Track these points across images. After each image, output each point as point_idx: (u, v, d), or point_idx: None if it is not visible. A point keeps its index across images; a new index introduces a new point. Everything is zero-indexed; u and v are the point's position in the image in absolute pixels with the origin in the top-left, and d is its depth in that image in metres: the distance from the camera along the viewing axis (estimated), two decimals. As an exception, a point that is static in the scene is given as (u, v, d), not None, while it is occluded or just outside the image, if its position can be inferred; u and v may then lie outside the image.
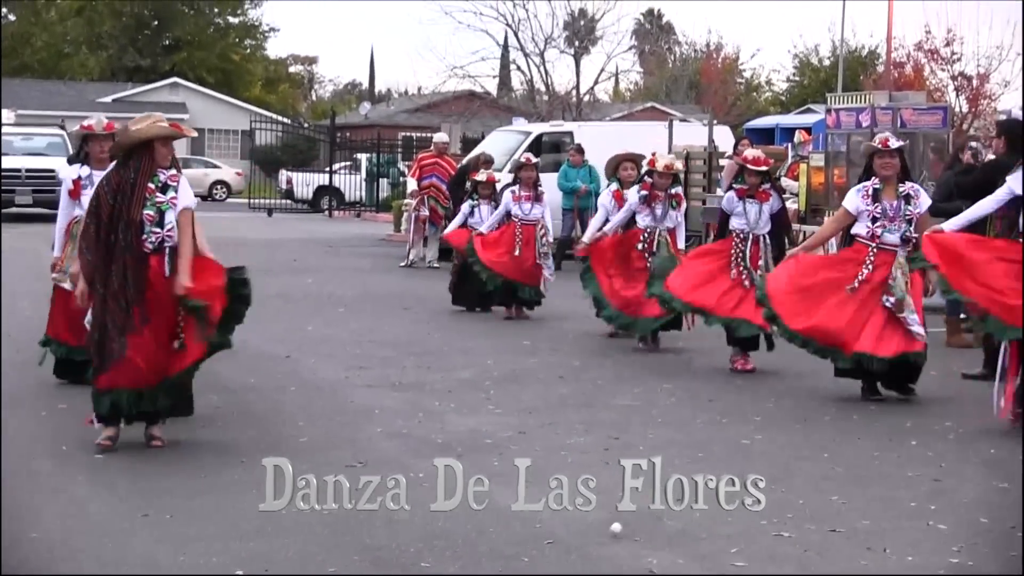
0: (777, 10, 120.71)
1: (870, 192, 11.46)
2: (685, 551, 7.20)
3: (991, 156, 14.24)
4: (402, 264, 23.59)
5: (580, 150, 23.83)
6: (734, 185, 13.20)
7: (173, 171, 9.07)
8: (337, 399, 11.16)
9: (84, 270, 9.00)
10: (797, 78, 67.82)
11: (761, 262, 12.90)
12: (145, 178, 8.87)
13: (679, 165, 14.84)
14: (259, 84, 74.46)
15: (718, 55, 62.21)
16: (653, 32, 71.26)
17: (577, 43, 44.41)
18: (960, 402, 11.23)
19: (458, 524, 7.51)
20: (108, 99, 59.03)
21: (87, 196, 10.11)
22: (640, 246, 14.16)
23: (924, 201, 11.57)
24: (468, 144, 34.18)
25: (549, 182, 23.73)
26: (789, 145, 25.96)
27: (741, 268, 12.90)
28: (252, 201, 45.16)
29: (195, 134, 9.68)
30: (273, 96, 74.70)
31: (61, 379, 11.35)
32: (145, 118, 9.00)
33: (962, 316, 14.99)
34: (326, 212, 42.61)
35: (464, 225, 17.33)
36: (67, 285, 10.50)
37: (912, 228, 11.32)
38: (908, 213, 11.38)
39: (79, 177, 10.92)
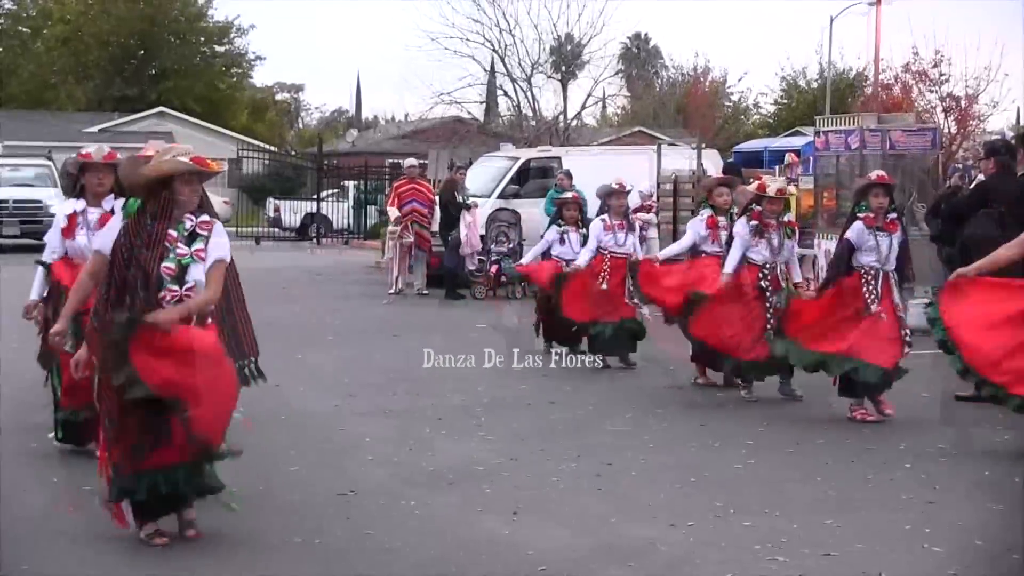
0: (764, 33, 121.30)
1: None
2: (680, 577, 7.17)
3: (980, 177, 14.26)
4: (390, 292, 23.52)
5: (569, 175, 23.79)
6: (858, 214, 11.61)
7: (204, 217, 7.62)
8: (327, 428, 11.10)
9: (91, 340, 7.48)
10: (784, 101, 67.90)
11: (897, 300, 11.60)
12: (165, 224, 7.39)
13: (792, 189, 13.10)
14: (245, 113, 74.33)
15: (705, 79, 62.35)
16: (640, 56, 71.36)
17: (564, 68, 44.46)
18: (954, 424, 11.18)
19: (450, 552, 7.48)
20: (95, 129, 58.93)
21: (82, 235, 9.42)
22: (762, 283, 12.37)
23: None
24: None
25: (536, 208, 23.86)
26: (777, 168, 25.98)
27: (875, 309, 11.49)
28: (239, 230, 44.99)
29: (223, 168, 8.14)
30: (260, 125, 74.53)
31: (66, 444, 9.91)
32: (166, 151, 7.55)
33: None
34: (314, 240, 42.54)
35: (547, 254, 15.80)
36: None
37: None
38: None
39: (74, 212, 9.65)
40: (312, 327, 18.09)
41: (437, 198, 23.76)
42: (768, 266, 12.41)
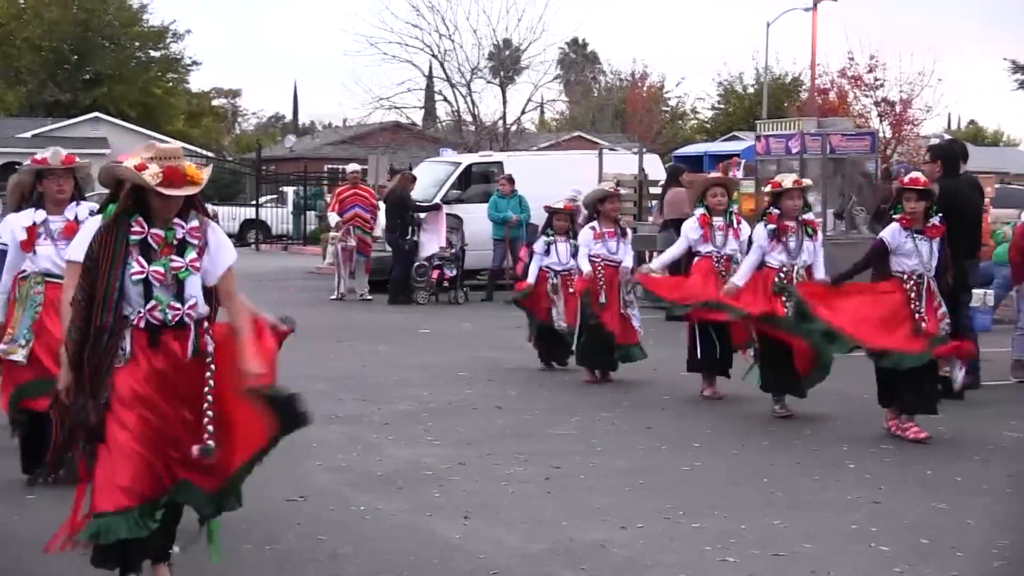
0: (701, 38, 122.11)
1: None
2: (632, 579, 7.21)
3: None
4: (332, 297, 23.49)
5: (510, 180, 23.90)
6: (894, 215, 10.97)
7: (195, 222, 6.61)
8: (274, 434, 11.03)
9: (69, 354, 6.46)
10: (722, 106, 68.38)
11: (942, 309, 10.91)
12: (119, 226, 6.42)
13: (808, 180, 12.38)
14: (182, 118, 73.90)
15: (643, 83, 62.60)
16: (578, 61, 71.53)
17: (503, 73, 44.48)
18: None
19: (403, 557, 7.48)
20: (28, 134, 58.46)
21: (44, 247, 8.88)
22: (777, 288, 11.83)
23: None
24: (397, 175, 34.10)
25: (479, 213, 23.93)
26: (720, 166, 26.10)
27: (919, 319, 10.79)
28: (177, 236, 44.74)
29: (204, 179, 6.58)
30: (196, 130, 74.17)
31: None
32: (146, 148, 6.52)
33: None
34: (253, 246, 42.41)
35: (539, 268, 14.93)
36: (18, 357, 8.86)
37: None
38: None
39: (33, 224, 8.90)
40: (255, 333, 17.98)
41: (382, 203, 23.80)
42: (784, 269, 11.87)
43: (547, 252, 14.85)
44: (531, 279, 14.96)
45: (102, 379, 6.38)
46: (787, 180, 12.01)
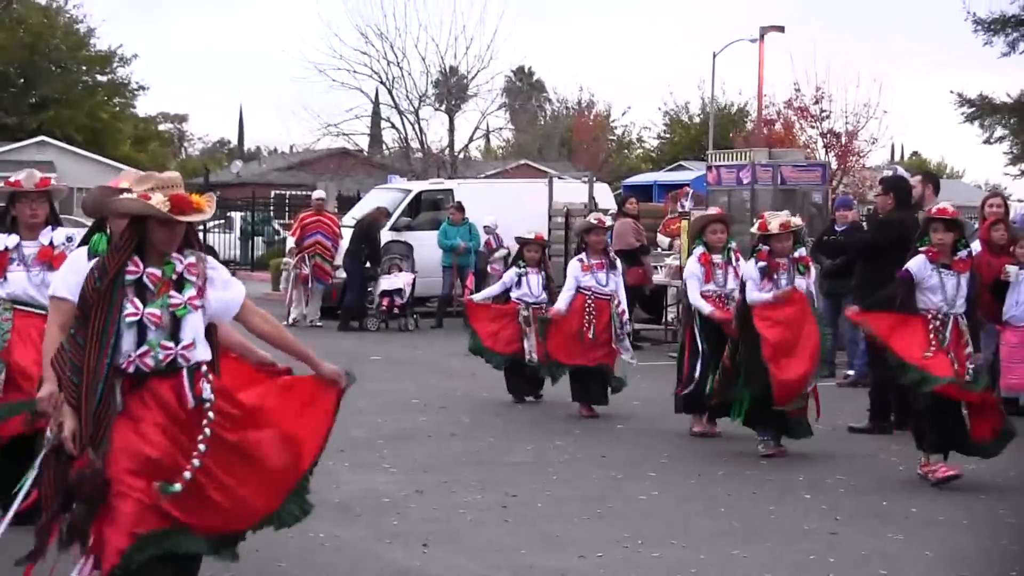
0: (647, 68, 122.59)
1: None
2: (594, 609, 7.22)
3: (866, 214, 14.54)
4: (284, 323, 23.37)
5: (460, 208, 23.94)
6: (919, 247, 10.33)
7: (192, 258, 6.18)
8: (229, 461, 10.97)
9: (68, 394, 5.98)
10: (668, 135, 68.65)
11: (968, 349, 10.23)
12: (118, 261, 6.02)
13: (797, 220, 11.82)
14: (128, 142, 73.48)
15: (590, 112, 62.74)
16: (525, 90, 71.61)
17: (450, 101, 44.50)
18: (849, 455, 11.33)
19: (364, 586, 7.46)
20: (-27, 158, 58.05)
21: (16, 273, 8.53)
22: None
23: None
24: (344, 202, 34.04)
25: (429, 240, 23.95)
26: (668, 197, 26.22)
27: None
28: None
29: (211, 208, 6.14)
30: (143, 154, 73.60)
31: None
32: (144, 179, 6.18)
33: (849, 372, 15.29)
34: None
35: (507, 298, 14.68)
36: None
37: None
38: None
39: (5, 249, 8.59)
40: (205, 359, 17.88)
41: (341, 230, 23.77)
42: None
43: (518, 284, 14.59)
44: (479, 297, 15.34)
45: (104, 431, 5.92)
46: (774, 223, 11.47)
